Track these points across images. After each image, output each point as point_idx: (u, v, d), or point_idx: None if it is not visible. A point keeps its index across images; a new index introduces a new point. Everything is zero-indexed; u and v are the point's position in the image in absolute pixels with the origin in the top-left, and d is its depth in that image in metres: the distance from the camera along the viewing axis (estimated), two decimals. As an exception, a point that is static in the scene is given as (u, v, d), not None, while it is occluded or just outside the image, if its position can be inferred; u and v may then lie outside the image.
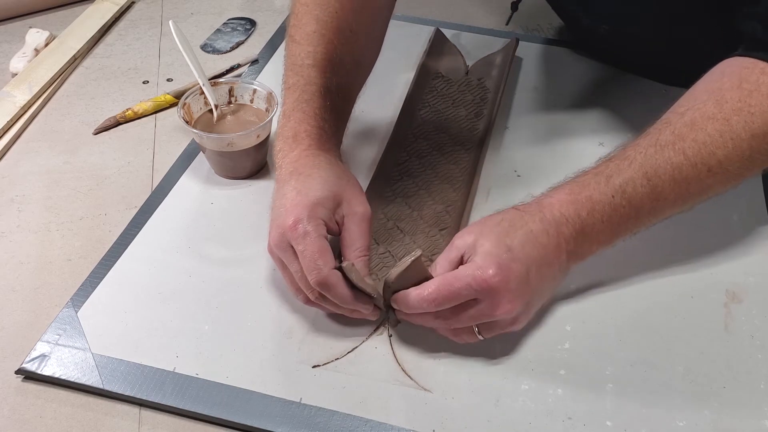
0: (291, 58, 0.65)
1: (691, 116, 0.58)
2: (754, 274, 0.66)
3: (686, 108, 0.59)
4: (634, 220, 0.58)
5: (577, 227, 0.56)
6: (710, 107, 0.57)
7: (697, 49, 0.63)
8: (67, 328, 0.60)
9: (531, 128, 0.82)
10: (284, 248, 0.56)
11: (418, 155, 0.76)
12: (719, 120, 0.57)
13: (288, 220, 0.55)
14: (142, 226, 0.69)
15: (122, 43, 0.98)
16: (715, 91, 0.59)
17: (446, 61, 0.91)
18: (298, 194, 0.56)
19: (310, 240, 0.54)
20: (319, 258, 0.54)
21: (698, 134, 0.57)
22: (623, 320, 0.62)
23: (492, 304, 0.53)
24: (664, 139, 0.57)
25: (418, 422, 0.54)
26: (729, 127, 0.56)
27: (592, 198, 0.56)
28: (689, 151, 0.56)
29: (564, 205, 0.56)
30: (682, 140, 0.57)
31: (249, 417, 0.54)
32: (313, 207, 0.56)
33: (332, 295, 0.55)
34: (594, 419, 0.54)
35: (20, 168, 0.78)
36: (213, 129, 0.74)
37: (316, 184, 0.57)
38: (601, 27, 0.85)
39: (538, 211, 0.56)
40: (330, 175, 0.58)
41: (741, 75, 0.58)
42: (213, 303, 0.62)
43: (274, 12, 1.06)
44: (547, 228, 0.55)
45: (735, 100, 0.57)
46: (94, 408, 0.56)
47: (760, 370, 0.58)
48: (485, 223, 0.57)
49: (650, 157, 0.57)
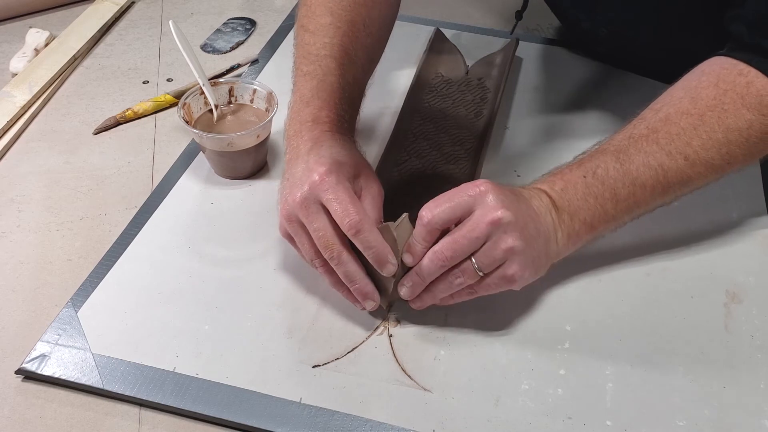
0: (305, 47, 0.66)
1: (666, 112, 0.59)
2: (754, 274, 0.66)
3: (662, 104, 0.61)
4: (612, 202, 0.59)
5: (554, 198, 0.58)
6: (685, 104, 0.59)
7: (696, 53, 0.63)
8: (67, 328, 0.60)
9: (531, 128, 0.82)
10: (309, 205, 0.55)
11: (418, 155, 0.76)
12: (693, 115, 0.58)
13: (315, 174, 0.55)
14: (142, 226, 0.69)
15: (122, 43, 0.98)
16: (691, 89, 0.60)
17: (446, 61, 0.91)
18: (320, 157, 0.56)
19: (343, 188, 0.54)
20: (351, 205, 0.54)
21: (672, 127, 0.58)
22: (623, 320, 0.62)
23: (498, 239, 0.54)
24: (637, 132, 0.59)
25: (418, 422, 0.54)
26: (702, 122, 0.58)
27: (563, 177, 0.59)
28: (662, 141, 0.58)
29: (541, 183, 0.59)
30: (655, 132, 0.59)
31: (249, 417, 0.54)
32: (339, 166, 0.56)
33: (367, 240, 0.54)
34: (594, 419, 0.54)
35: (20, 168, 0.78)
36: (213, 129, 0.74)
37: (337, 152, 0.57)
38: (600, 30, 0.85)
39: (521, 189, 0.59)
40: (350, 150, 0.59)
41: (719, 74, 0.60)
42: (213, 303, 0.62)
43: (274, 12, 1.06)
44: (531, 193, 0.58)
45: (710, 98, 0.58)
46: (94, 408, 0.56)
47: (760, 370, 0.58)
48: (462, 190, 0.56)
49: (623, 146, 0.59)
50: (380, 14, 0.70)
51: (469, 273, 0.55)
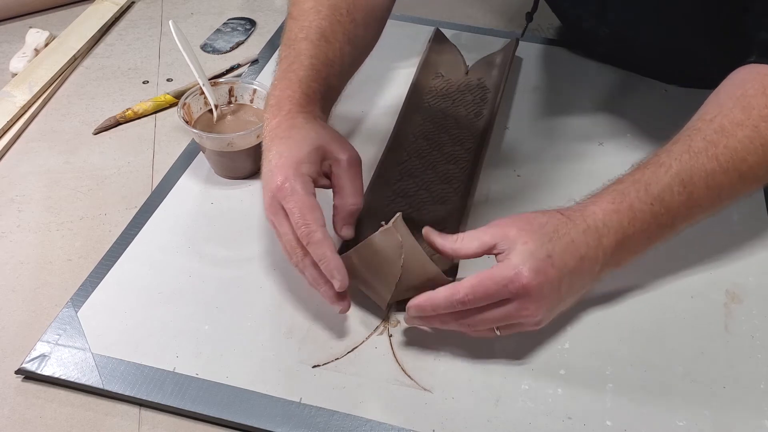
0: (287, 34, 0.66)
1: (720, 122, 0.58)
2: (754, 274, 0.66)
3: (714, 114, 0.59)
4: (670, 227, 0.58)
5: (619, 237, 0.56)
6: (737, 114, 0.58)
7: (697, 53, 0.63)
8: (67, 328, 0.60)
9: (531, 128, 0.82)
10: (275, 210, 0.57)
11: (419, 155, 0.76)
12: (748, 126, 0.57)
13: (275, 181, 0.56)
14: (142, 226, 0.69)
15: (122, 43, 0.98)
16: (740, 98, 0.59)
17: (446, 61, 0.91)
18: (280, 156, 0.57)
19: (298, 197, 0.55)
20: (308, 213, 0.55)
21: (729, 140, 0.57)
22: (623, 320, 0.62)
23: (521, 306, 0.53)
24: (696, 145, 0.58)
25: (418, 422, 0.54)
26: (758, 134, 0.57)
27: (633, 207, 0.56)
28: (722, 157, 0.57)
29: (608, 214, 0.56)
30: (714, 146, 0.57)
31: (249, 417, 0.54)
32: (297, 165, 0.56)
33: (319, 254, 0.55)
34: (594, 419, 0.54)
35: (20, 168, 0.78)
36: (213, 129, 0.74)
37: (296, 143, 0.58)
38: (601, 30, 0.85)
39: (582, 219, 0.56)
40: (308, 131, 0.59)
41: (764, 82, 0.59)
42: (213, 303, 0.62)
43: (274, 12, 1.06)
44: (588, 240, 0.55)
45: (761, 106, 0.58)
46: (94, 408, 0.56)
47: (760, 370, 0.58)
48: (530, 221, 0.55)
49: (685, 163, 0.57)
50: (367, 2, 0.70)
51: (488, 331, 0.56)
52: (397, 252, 0.56)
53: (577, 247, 0.54)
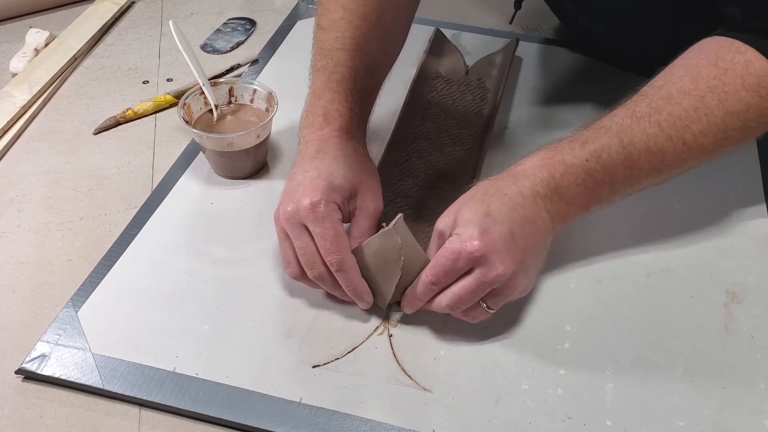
0: (319, 44, 0.67)
1: (668, 90, 0.59)
2: (754, 274, 0.66)
3: (663, 82, 0.60)
4: (609, 186, 0.59)
5: (552, 187, 0.57)
6: (686, 82, 0.59)
7: None
8: (67, 328, 0.60)
9: (531, 128, 0.82)
10: (294, 224, 0.57)
11: (419, 155, 0.76)
12: (694, 96, 0.58)
13: (305, 199, 0.56)
14: (142, 226, 0.69)
15: (122, 43, 0.98)
16: (691, 67, 0.60)
17: (446, 61, 0.91)
18: (319, 175, 0.58)
19: (329, 224, 0.56)
20: (339, 242, 0.56)
21: (674, 108, 0.58)
22: (623, 320, 0.62)
23: (485, 269, 0.54)
24: (640, 110, 0.59)
25: (418, 422, 0.54)
26: (703, 104, 0.58)
27: (565, 161, 0.58)
28: (664, 123, 0.58)
29: (537, 168, 0.58)
30: (657, 113, 0.58)
31: (249, 417, 0.54)
32: (330, 192, 0.57)
33: (345, 279, 0.57)
34: (594, 419, 0.54)
35: (20, 168, 0.78)
36: (213, 129, 0.74)
37: (338, 170, 0.59)
38: (599, 27, 0.85)
39: (510, 177, 0.58)
40: (353, 163, 0.60)
41: (717, 53, 0.59)
42: (213, 303, 0.62)
43: (274, 12, 1.06)
44: (521, 190, 0.57)
45: (710, 77, 0.58)
46: (94, 408, 0.56)
47: (760, 370, 0.58)
48: (461, 199, 0.58)
49: (626, 126, 0.58)
50: (395, 7, 0.71)
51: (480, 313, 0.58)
52: (397, 253, 0.56)
53: (512, 198, 0.56)
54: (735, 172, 0.76)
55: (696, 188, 0.73)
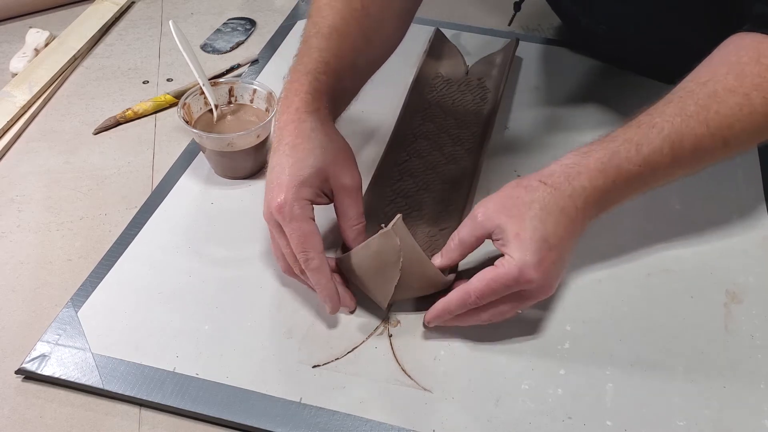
0: (304, 33, 0.67)
1: (713, 87, 0.58)
2: (754, 274, 0.66)
3: (707, 78, 0.59)
4: (650, 185, 0.59)
5: (603, 196, 0.57)
6: (731, 80, 0.58)
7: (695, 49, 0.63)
8: (67, 328, 0.60)
9: (531, 128, 0.82)
10: (273, 224, 0.58)
11: (419, 155, 0.76)
12: (739, 94, 0.58)
13: (274, 200, 0.57)
14: (142, 226, 0.69)
15: (122, 43, 0.98)
16: (734, 65, 0.59)
17: (446, 61, 0.91)
18: (282, 172, 0.57)
19: (297, 224, 0.56)
20: (306, 241, 0.56)
21: (720, 106, 0.58)
22: (623, 320, 0.62)
23: (534, 292, 0.55)
24: (688, 109, 0.58)
25: (418, 422, 0.54)
26: (748, 101, 0.57)
27: (620, 168, 0.57)
28: (712, 122, 0.57)
29: (593, 175, 0.57)
30: (706, 111, 0.58)
31: (249, 417, 0.54)
32: (298, 188, 0.57)
33: (312, 278, 0.57)
34: (594, 419, 0.54)
35: (20, 168, 0.78)
36: (213, 129, 0.74)
37: (301, 160, 0.58)
38: (599, 27, 0.85)
39: (568, 184, 0.56)
40: (314, 146, 0.58)
41: (759, 50, 0.59)
42: (213, 303, 0.62)
43: (274, 12, 1.06)
44: (575, 203, 0.56)
45: (754, 74, 0.58)
46: (94, 408, 0.56)
47: (760, 370, 0.58)
48: (514, 199, 0.56)
49: (677, 126, 0.57)
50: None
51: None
52: (395, 254, 0.56)
53: (567, 214, 0.56)
54: (735, 172, 0.76)
55: (696, 188, 0.73)
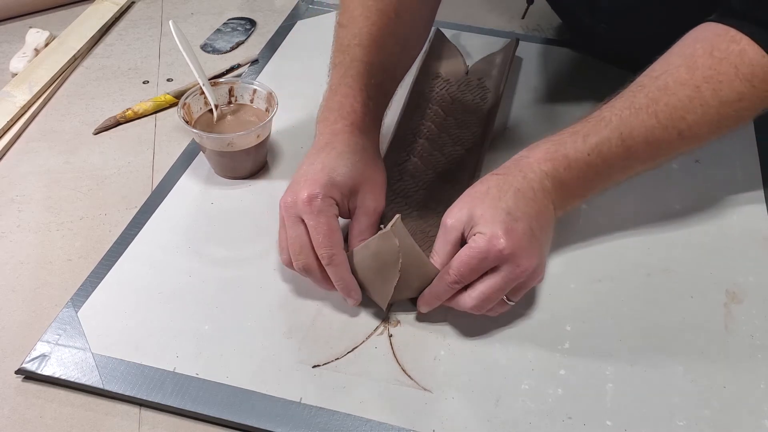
0: (338, 41, 0.68)
1: (665, 80, 0.60)
2: (754, 274, 0.66)
3: (660, 72, 0.61)
4: (607, 176, 0.61)
5: (557, 181, 0.59)
6: (682, 73, 0.60)
7: None
8: (67, 328, 0.60)
9: (531, 128, 0.82)
10: (291, 214, 0.58)
11: (419, 155, 0.76)
12: (690, 86, 0.59)
13: (304, 192, 0.57)
14: (142, 226, 0.69)
15: (122, 43, 0.98)
16: (687, 57, 0.61)
17: (446, 61, 0.91)
18: (321, 169, 0.59)
19: (324, 218, 0.57)
20: (332, 237, 0.57)
21: (670, 98, 0.59)
22: (623, 320, 0.62)
23: (512, 267, 0.55)
24: (638, 102, 0.60)
25: (418, 422, 0.54)
26: (699, 94, 0.59)
27: (568, 156, 0.59)
28: (661, 114, 0.59)
29: (542, 162, 0.59)
30: (655, 103, 0.59)
31: (249, 417, 0.54)
32: (330, 187, 0.58)
33: (335, 273, 0.58)
34: (594, 419, 0.54)
35: (20, 168, 0.78)
36: (213, 129, 0.74)
37: (342, 166, 0.59)
38: (600, 26, 0.85)
39: (519, 171, 0.59)
40: (359, 160, 0.61)
41: (713, 42, 0.60)
42: (213, 303, 0.62)
43: (274, 12, 1.06)
44: (531, 184, 0.58)
45: (706, 67, 0.59)
46: (94, 408, 0.56)
47: (760, 370, 0.58)
48: (472, 194, 0.58)
49: (625, 118, 0.59)
50: (414, 4, 0.71)
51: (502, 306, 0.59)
52: (395, 255, 0.56)
53: (525, 193, 0.57)
54: (735, 172, 0.76)
55: (696, 188, 0.73)
